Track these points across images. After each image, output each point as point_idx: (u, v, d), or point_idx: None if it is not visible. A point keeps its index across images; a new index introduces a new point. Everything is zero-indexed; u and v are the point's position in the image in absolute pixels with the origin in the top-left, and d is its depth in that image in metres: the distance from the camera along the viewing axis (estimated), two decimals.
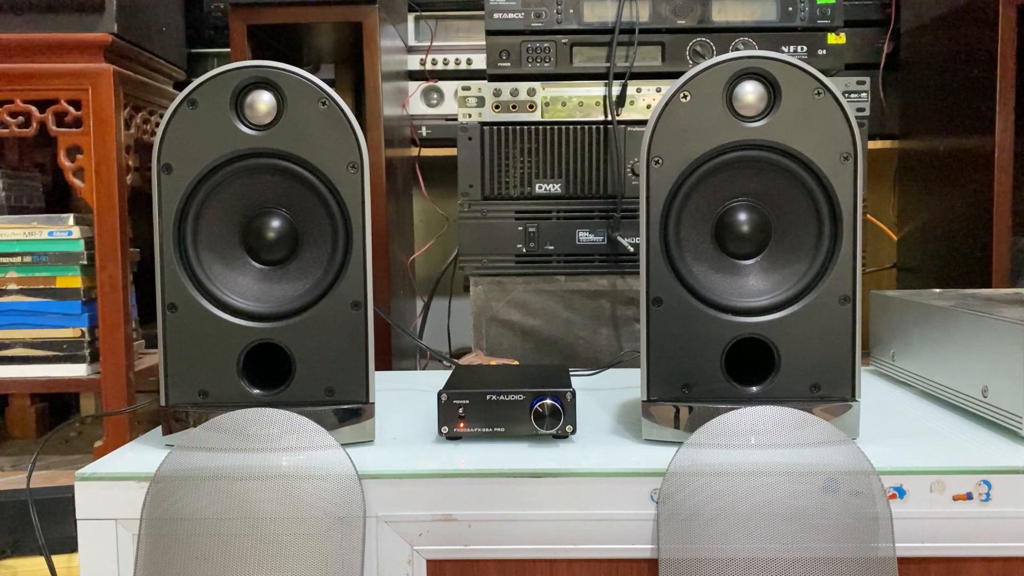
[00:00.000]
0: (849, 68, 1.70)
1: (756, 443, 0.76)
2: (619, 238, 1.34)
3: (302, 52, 1.92)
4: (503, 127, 1.35)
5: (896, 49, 1.87)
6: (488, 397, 0.82)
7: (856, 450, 0.75)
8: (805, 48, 1.35)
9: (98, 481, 0.76)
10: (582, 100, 1.36)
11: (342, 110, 0.81)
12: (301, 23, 1.62)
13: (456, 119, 1.38)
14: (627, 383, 1.13)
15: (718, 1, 1.35)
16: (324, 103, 0.80)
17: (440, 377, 0.95)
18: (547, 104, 1.36)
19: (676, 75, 0.86)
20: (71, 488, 0.75)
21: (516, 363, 1.29)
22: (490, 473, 0.75)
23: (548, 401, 0.81)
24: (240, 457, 0.76)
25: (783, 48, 1.34)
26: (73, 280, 1.42)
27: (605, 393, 1.07)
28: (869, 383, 1.12)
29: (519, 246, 1.36)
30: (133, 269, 1.48)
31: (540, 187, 1.35)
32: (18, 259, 1.42)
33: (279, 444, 0.77)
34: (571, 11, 1.36)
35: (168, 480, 0.75)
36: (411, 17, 1.97)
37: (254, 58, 1.45)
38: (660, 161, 0.82)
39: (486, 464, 0.76)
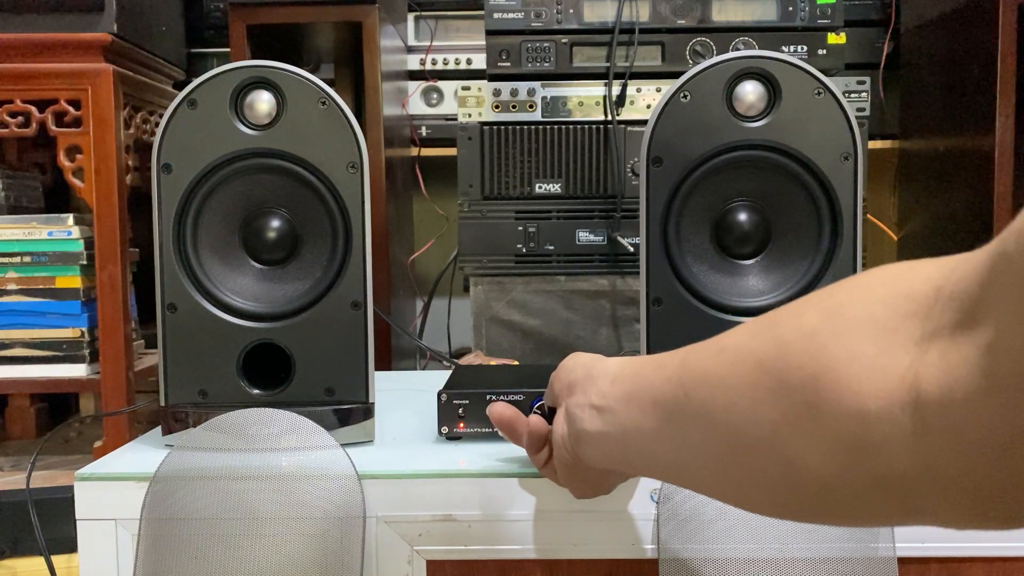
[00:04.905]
0: (849, 68, 1.70)
1: None
2: (619, 238, 1.34)
3: (302, 52, 1.92)
4: (503, 127, 1.35)
5: (896, 49, 1.87)
6: (488, 397, 0.82)
7: None
8: (805, 48, 1.35)
9: (98, 481, 0.76)
10: (582, 100, 1.35)
11: (342, 110, 0.80)
12: (301, 23, 1.62)
13: (456, 119, 1.38)
14: None
15: (718, 1, 1.35)
16: (324, 103, 0.80)
17: (440, 377, 0.95)
18: (547, 104, 1.36)
19: (676, 75, 0.86)
20: (71, 488, 0.75)
21: (516, 363, 1.29)
22: (490, 473, 0.75)
23: None
24: (240, 457, 0.76)
25: (783, 48, 1.34)
26: (73, 280, 1.42)
27: None
28: None
29: (519, 246, 1.36)
30: (133, 269, 1.48)
31: (540, 187, 1.35)
32: (18, 259, 1.42)
33: (279, 444, 0.77)
34: (571, 11, 1.36)
35: (168, 480, 0.75)
36: (411, 17, 1.97)
37: (254, 58, 1.45)
38: (660, 161, 0.82)
39: (486, 464, 0.76)
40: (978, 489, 0.33)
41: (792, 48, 1.35)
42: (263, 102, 0.80)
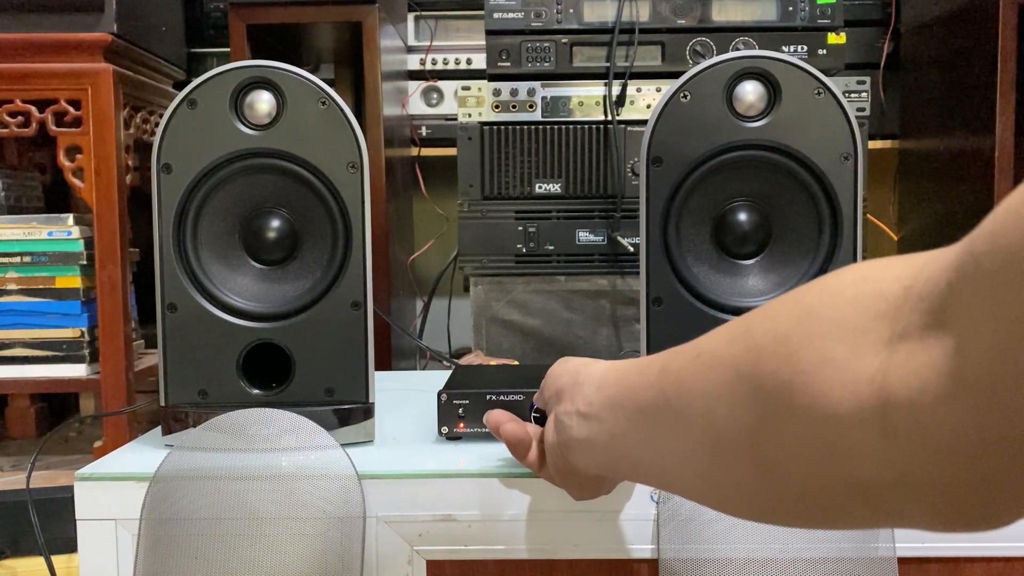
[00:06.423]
0: (849, 68, 1.70)
1: None
2: (619, 238, 1.34)
3: (302, 52, 1.92)
4: (503, 127, 1.35)
5: (896, 49, 1.87)
6: (488, 397, 0.82)
7: None
8: (805, 48, 1.35)
9: (98, 481, 0.76)
10: (582, 100, 1.35)
11: (342, 110, 0.80)
12: (301, 23, 1.62)
13: (456, 119, 1.38)
14: None
15: (718, 1, 1.35)
16: (324, 103, 0.80)
17: (440, 377, 0.95)
18: (547, 104, 1.36)
19: (676, 75, 0.86)
20: (71, 488, 0.75)
21: (516, 363, 1.29)
22: (490, 473, 0.75)
23: None
24: (240, 457, 0.76)
25: (783, 48, 1.34)
26: (73, 280, 1.42)
27: None
28: None
29: (519, 246, 1.36)
30: (133, 269, 1.48)
31: (540, 187, 1.35)
32: (18, 259, 1.42)
33: (279, 444, 0.77)
34: (571, 11, 1.36)
35: (168, 480, 0.75)
36: (411, 17, 1.97)
37: (254, 58, 1.45)
38: (660, 161, 0.82)
39: (486, 464, 0.76)
40: (949, 492, 0.33)
41: (792, 48, 1.35)
42: (263, 102, 0.80)
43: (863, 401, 0.34)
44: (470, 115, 1.36)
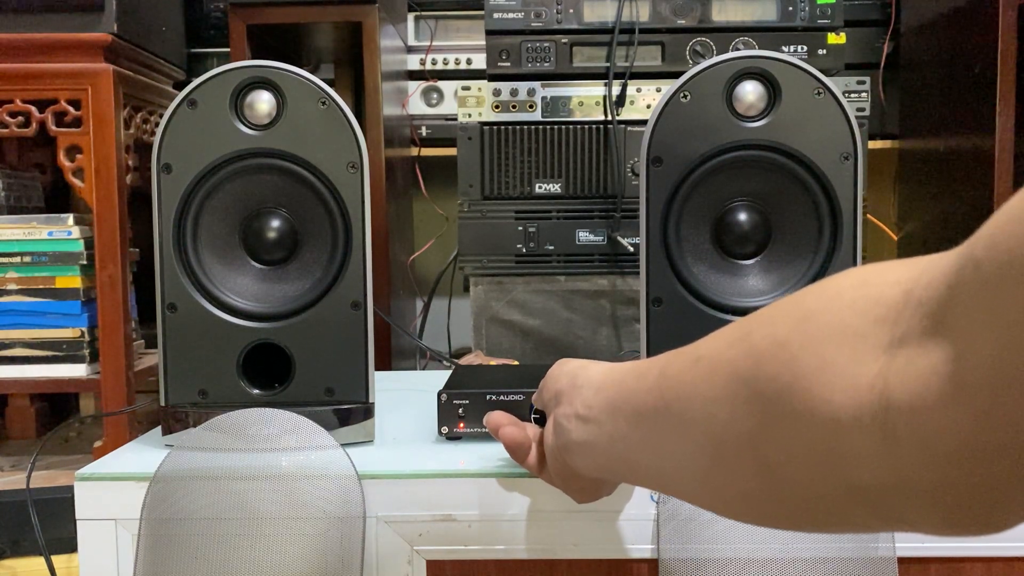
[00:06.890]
0: (849, 68, 1.70)
1: None
2: (619, 238, 1.34)
3: (302, 52, 1.92)
4: (503, 127, 1.35)
5: (896, 49, 1.87)
6: (488, 397, 0.82)
7: None
8: (805, 48, 1.35)
9: (98, 481, 0.76)
10: (582, 100, 1.35)
11: (342, 110, 0.80)
12: (301, 23, 1.62)
13: (456, 119, 1.38)
14: None
15: (718, 1, 1.35)
16: (324, 103, 0.80)
17: (440, 377, 0.95)
18: (547, 104, 1.35)
19: (676, 75, 0.86)
20: (71, 488, 0.75)
21: (516, 363, 1.29)
22: (490, 473, 0.75)
23: None
24: (240, 457, 0.76)
25: (783, 48, 1.34)
26: (73, 280, 1.42)
27: None
28: None
29: (519, 246, 1.36)
30: (133, 269, 1.48)
31: (540, 187, 1.35)
32: (18, 259, 1.42)
33: (279, 444, 0.77)
34: (571, 11, 1.36)
35: (168, 480, 0.75)
36: (411, 17, 1.97)
37: (254, 58, 1.45)
38: (660, 161, 0.82)
39: (486, 464, 0.76)
40: (950, 497, 0.33)
41: (792, 48, 1.35)
42: (263, 102, 0.80)
43: (863, 406, 0.34)
44: (470, 115, 1.36)
